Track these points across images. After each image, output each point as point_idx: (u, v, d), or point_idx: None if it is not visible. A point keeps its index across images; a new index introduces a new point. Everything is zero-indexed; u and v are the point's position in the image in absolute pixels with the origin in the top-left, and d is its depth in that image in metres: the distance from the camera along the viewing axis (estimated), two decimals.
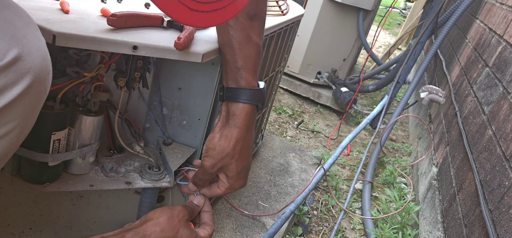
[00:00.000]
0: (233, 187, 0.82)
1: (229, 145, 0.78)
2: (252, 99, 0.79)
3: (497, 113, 1.31)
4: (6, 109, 0.46)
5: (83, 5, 0.78)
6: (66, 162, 0.82)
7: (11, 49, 0.45)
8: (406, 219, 1.51)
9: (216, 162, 0.79)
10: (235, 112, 0.79)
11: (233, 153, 0.79)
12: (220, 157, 0.79)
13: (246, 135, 0.79)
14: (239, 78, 0.79)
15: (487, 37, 1.80)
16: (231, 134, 0.78)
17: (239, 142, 0.79)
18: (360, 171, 1.75)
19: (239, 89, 0.79)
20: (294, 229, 1.42)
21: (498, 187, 1.08)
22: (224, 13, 0.53)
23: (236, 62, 0.79)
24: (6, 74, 0.45)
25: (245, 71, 0.79)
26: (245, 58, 0.79)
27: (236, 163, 0.80)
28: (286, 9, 1.27)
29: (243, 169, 0.82)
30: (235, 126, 0.78)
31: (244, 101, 0.78)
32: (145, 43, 0.69)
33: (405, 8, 8.42)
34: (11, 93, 0.46)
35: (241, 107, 0.79)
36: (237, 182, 0.82)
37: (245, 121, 0.79)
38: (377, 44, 5.30)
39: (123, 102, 0.89)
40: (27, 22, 0.49)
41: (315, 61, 2.76)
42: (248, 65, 0.79)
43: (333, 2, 2.58)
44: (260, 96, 0.80)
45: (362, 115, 2.72)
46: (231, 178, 0.82)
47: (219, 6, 0.52)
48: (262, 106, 0.81)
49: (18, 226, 0.93)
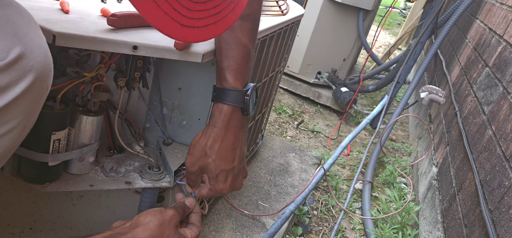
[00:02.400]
0: (214, 190, 0.81)
1: (206, 143, 0.78)
2: (233, 100, 0.78)
3: (497, 113, 1.31)
4: (9, 107, 0.46)
5: (83, 5, 0.78)
6: (66, 162, 0.82)
7: (14, 48, 0.45)
8: (406, 219, 1.51)
9: (195, 161, 0.79)
10: (215, 112, 0.79)
11: (210, 153, 0.78)
12: (198, 155, 0.79)
13: (225, 136, 0.78)
14: (222, 79, 0.79)
15: (487, 37, 1.80)
16: (209, 133, 0.78)
17: (216, 141, 0.78)
18: (360, 171, 1.75)
19: (221, 90, 0.79)
20: (294, 229, 1.42)
21: (498, 187, 1.08)
22: (215, 28, 0.54)
23: (221, 62, 0.79)
24: (10, 72, 0.45)
25: (228, 72, 0.79)
26: (230, 58, 0.78)
27: (214, 163, 0.78)
28: (286, 9, 1.27)
29: (223, 172, 0.80)
30: (214, 126, 0.78)
31: (225, 102, 0.78)
32: (145, 43, 0.69)
33: (405, 8, 8.42)
34: (14, 90, 0.46)
35: (220, 108, 0.78)
36: (217, 185, 0.80)
37: (224, 121, 0.78)
38: (377, 44, 5.30)
39: (123, 102, 0.89)
40: (28, 20, 0.50)
41: (315, 61, 2.76)
42: (232, 66, 0.78)
43: (333, 2, 2.58)
44: (241, 98, 0.79)
45: (362, 115, 2.72)
46: (211, 180, 0.81)
47: (210, 22, 0.53)
48: (245, 108, 0.80)
49: (18, 226, 0.93)
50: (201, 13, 0.51)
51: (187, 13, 0.50)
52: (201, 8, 0.51)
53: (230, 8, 0.55)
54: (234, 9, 0.56)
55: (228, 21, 0.56)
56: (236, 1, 0.56)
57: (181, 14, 0.49)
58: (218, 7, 0.53)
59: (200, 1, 0.51)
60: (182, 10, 0.49)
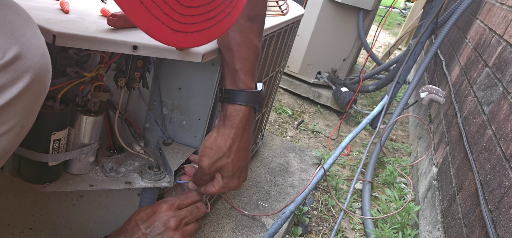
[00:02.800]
0: (228, 187, 0.83)
1: (226, 144, 0.79)
2: (249, 101, 0.80)
3: (497, 113, 1.31)
4: (6, 107, 0.46)
5: (83, 5, 0.78)
6: (66, 162, 0.82)
7: (11, 48, 0.45)
8: (406, 219, 1.51)
9: (214, 162, 0.80)
10: (232, 113, 0.80)
11: (229, 153, 0.80)
12: (217, 157, 0.80)
13: (242, 136, 0.80)
14: (237, 80, 0.80)
15: (487, 37, 1.80)
16: (227, 134, 0.79)
17: (235, 142, 0.80)
18: (360, 171, 1.75)
19: (236, 91, 0.80)
20: (294, 229, 1.42)
21: (498, 187, 1.08)
22: (209, 33, 0.53)
23: (234, 64, 0.79)
24: (6, 72, 0.45)
25: (243, 73, 0.79)
26: (243, 60, 0.79)
27: (232, 163, 0.81)
28: (286, 9, 1.27)
29: (239, 169, 0.83)
30: (232, 127, 0.79)
31: (241, 103, 0.79)
32: (145, 43, 0.69)
33: (405, 8, 8.42)
34: (11, 91, 0.46)
35: (238, 109, 0.79)
36: (231, 182, 0.83)
37: (242, 122, 0.80)
38: (377, 44, 5.30)
39: (123, 102, 0.89)
40: (26, 20, 0.49)
41: (315, 61, 2.76)
42: (246, 67, 0.79)
43: (333, 2, 2.58)
44: (257, 98, 0.81)
45: (362, 115, 2.72)
46: (226, 178, 0.83)
47: (205, 27, 0.52)
48: (259, 108, 0.82)
49: (18, 226, 0.93)
50: (194, 18, 0.50)
51: (179, 17, 0.48)
52: (195, 13, 0.50)
53: (226, 12, 0.54)
54: (231, 13, 0.55)
55: (223, 26, 0.55)
56: (232, 5, 0.55)
57: (173, 19, 0.48)
58: (213, 11, 0.52)
59: (193, 5, 0.49)
60: (174, 15, 0.48)
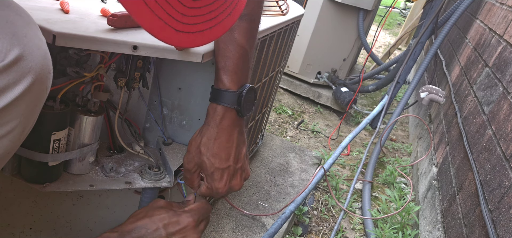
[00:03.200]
0: (211, 188, 0.81)
1: (201, 141, 0.79)
2: (227, 102, 0.78)
3: (497, 113, 1.31)
4: (8, 108, 0.46)
5: (83, 5, 0.78)
6: (66, 162, 0.82)
7: (13, 49, 0.45)
8: (406, 219, 1.51)
9: (191, 157, 0.80)
10: (210, 112, 0.80)
11: (204, 150, 0.79)
12: (193, 152, 0.80)
13: (218, 136, 0.79)
14: (217, 79, 0.80)
15: (487, 37, 1.80)
16: (204, 132, 0.79)
17: (209, 140, 0.79)
18: (360, 171, 1.75)
19: (216, 90, 0.79)
20: (294, 229, 1.42)
21: (498, 187, 1.08)
22: (210, 33, 0.54)
23: (217, 62, 0.80)
24: (8, 73, 0.45)
25: (223, 73, 0.79)
26: (225, 58, 0.79)
27: (208, 161, 0.79)
28: (286, 9, 1.27)
29: (217, 170, 0.80)
30: (208, 125, 0.79)
31: (219, 102, 0.79)
32: (145, 43, 0.69)
33: (405, 8, 8.42)
34: (13, 92, 0.46)
35: (214, 107, 0.79)
36: (213, 183, 0.81)
37: (216, 121, 0.79)
38: (377, 44, 5.30)
39: (123, 102, 0.89)
40: (27, 21, 0.49)
41: (315, 61, 2.76)
42: (228, 66, 0.79)
43: (333, 2, 2.58)
44: (235, 99, 0.79)
45: (362, 115, 2.72)
46: (208, 177, 0.82)
47: (206, 27, 0.52)
48: (240, 110, 0.80)
49: (18, 226, 0.93)
50: (196, 18, 0.51)
51: (182, 18, 0.49)
52: (197, 13, 0.50)
53: (227, 13, 0.55)
54: (231, 13, 0.55)
55: (224, 26, 0.55)
56: (233, 6, 0.55)
57: (176, 19, 0.48)
58: (214, 12, 0.52)
59: (195, 6, 0.50)
60: (176, 15, 0.48)
